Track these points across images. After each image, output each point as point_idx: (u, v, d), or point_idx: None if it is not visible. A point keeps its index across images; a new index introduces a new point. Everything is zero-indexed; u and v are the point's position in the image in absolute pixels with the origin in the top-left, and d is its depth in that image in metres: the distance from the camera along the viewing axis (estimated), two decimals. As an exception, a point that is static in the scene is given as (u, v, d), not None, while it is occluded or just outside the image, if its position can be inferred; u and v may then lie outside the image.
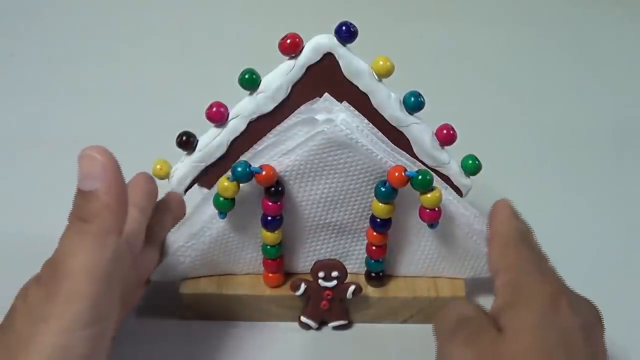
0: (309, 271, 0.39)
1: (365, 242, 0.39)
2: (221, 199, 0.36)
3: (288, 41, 0.35)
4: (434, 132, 0.39)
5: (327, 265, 0.38)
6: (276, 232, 0.37)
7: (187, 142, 0.38)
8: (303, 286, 0.38)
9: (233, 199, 0.36)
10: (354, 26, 0.35)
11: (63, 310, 0.28)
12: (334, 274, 0.38)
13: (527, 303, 0.31)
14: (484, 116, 0.60)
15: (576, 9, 0.78)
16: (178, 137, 0.39)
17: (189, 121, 0.41)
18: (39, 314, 0.28)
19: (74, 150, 0.30)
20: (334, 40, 0.35)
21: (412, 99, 0.37)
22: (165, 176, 0.39)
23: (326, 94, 0.36)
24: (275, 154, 0.37)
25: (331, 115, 0.35)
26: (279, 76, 0.36)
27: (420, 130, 0.38)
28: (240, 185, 0.36)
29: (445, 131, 0.38)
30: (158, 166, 0.39)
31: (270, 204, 0.37)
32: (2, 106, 0.59)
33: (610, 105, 0.62)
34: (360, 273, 0.40)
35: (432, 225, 0.37)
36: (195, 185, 0.40)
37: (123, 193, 0.30)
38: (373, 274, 0.39)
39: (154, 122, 0.55)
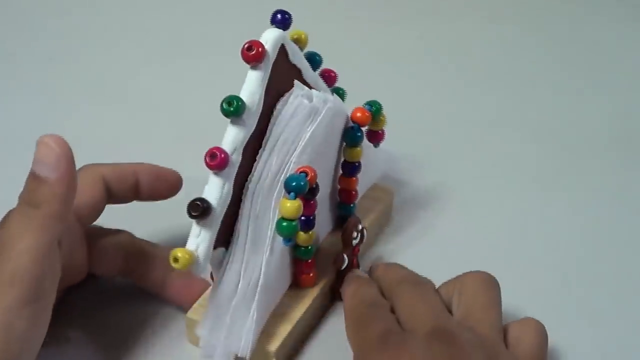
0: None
1: (328, 204, 0.42)
2: (285, 223, 0.34)
3: (257, 50, 0.34)
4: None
5: (354, 225, 0.40)
6: (311, 231, 0.37)
7: (207, 208, 0.33)
8: (346, 258, 0.40)
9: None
10: (288, 12, 0.36)
11: (5, 290, 0.30)
12: (359, 228, 0.41)
13: None
14: (484, 116, 0.60)
15: (576, 9, 0.79)
16: (195, 207, 0.33)
17: (189, 121, 0.45)
18: None
19: (74, 150, 0.32)
20: (280, 31, 0.36)
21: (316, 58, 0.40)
22: (192, 262, 0.33)
23: (296, 81, 0.37)
24: (287, 155, 0.36)
25: (316, 95, 0.37)
26: (256, 89, 0.34)
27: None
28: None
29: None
30: (179, 254, 0.33)
31: (311, 203, 0.36)
32: (2, 106, 0.59)
33: (611, 106, 0.62)
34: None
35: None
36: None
37: (73, 184, 0.32)
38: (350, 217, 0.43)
39: (154, 122, 0.55)
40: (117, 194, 0.40)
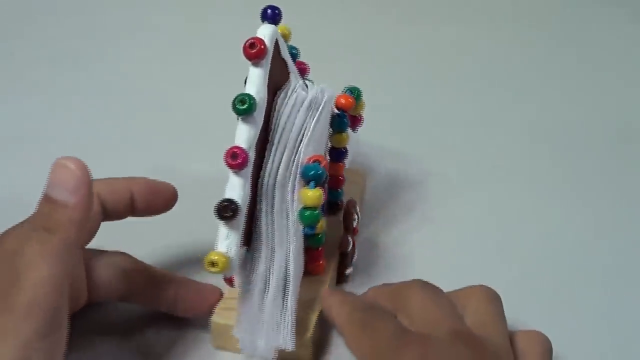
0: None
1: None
2: (307, 212, 0.35)
3: (259, 47, 0.34)
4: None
5: (353, 206, 0.41)
6: (323, 218, 0.38)
7: (237, 209, 0.33)
8: (350, 239, 0.41)
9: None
10: (278, 8, 0.37)
11: (22, 324, 0.28)
12: (357, 210, 0.42)
13: None
14: (484, 116, 0.60)
15: (577, 9, 0.78)
16: (225, 209, 0.33)
17: (190, 121, 0.44)
18: None
19: (75, 150, 0.32)
20: (274, 27, 0.36)
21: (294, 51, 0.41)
22: (228, 264, 0.33)
23: (291, 74, 0.37)
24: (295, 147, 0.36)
25: (310, 86, 0.38)
26: (262, 86, 0.35)
27: None
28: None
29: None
30: (216, 258, 0.32)
31: (323, 190, 0.37)
32: (3, 106, 0.59)
33: (611, 106, 0.62)
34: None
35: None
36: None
37: (90, 209, 0.31)
38: (339, 202, 0.44)
39: (154, 122, 0.54)
40: (112, 212, 0.38)
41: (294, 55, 0.40)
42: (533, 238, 0.47)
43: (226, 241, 0.33)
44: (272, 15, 0.36)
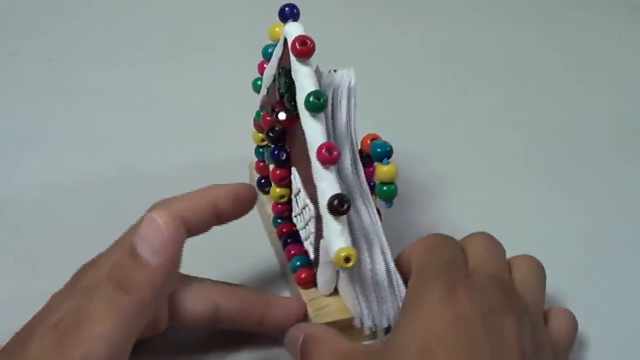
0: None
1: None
2: (385, 187, 0.36)
3: (310, 45, 0.35)
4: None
5: None
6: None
7: (349, 201, 0.34)
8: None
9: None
10: (296, 6, 0.37)
11: None
12: None
13: (418, 305, 0.32)
14: (484, 116, 0.60)
15: (577, 9, 0.77)
16: (342, 203, 0.33)
17: (190, 121, 0.44)
18: None
19: (74, 150, 0.35)
20: (300, 24, 0.37)
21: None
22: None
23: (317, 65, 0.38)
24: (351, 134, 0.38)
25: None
26: (315, 81, 0.35)
27: None
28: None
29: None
30: (350, 253, 0.33)
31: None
32: (3, 106, 0.58)
33: (611, 106, 0.61)
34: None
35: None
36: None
37: (174, 273, 0.31)
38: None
39: (155, 122, 0.54)
40: (196, 230, 0.35)
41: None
42: (538, 238, 0.46)
43: (342, 236, 0.34)
44: (292, 14, 0.37)
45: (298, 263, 0.40)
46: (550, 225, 0.48)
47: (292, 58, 0.36)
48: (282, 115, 0.38)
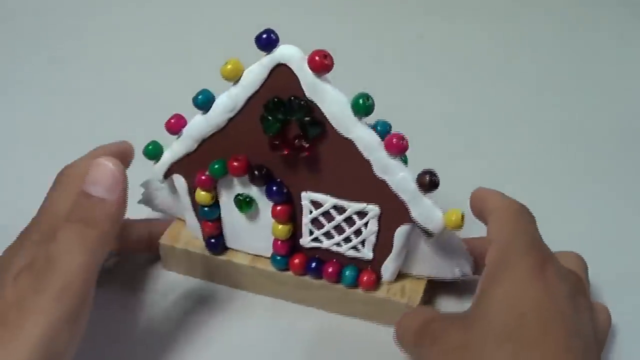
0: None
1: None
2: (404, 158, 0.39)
3: (330, 60, 0.35)
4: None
5: None
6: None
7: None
8: None
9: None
10: (274, 32, 0.36)
11: (53, 305, 0.30)
12: None
13: (508, 275, 0.33)
14: (484, 116, 0.60)
15: (577, 8, 0.77)
16: (437, 179, 0.37)
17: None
18: (29, 305, 0.30)
19: (74, 150, 0.37)
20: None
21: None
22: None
23: None
24: None
25: None
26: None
27: None
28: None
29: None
30: (460, 214, 0.36)
31: None
32: (3, 106, 0.60)
33: (611, 106, 0.61)
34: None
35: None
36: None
37: (125, 206, 0.34)
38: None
39: (155, 122, 0.50)
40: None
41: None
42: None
43: (436, 207, 0.37)
44: (271, 40, 0.36)
45: (347, 272, 0.41)
46: (551, 225, 0.46)
47: (310, 76, 0.36)
48: (305, 142, 0.37)
